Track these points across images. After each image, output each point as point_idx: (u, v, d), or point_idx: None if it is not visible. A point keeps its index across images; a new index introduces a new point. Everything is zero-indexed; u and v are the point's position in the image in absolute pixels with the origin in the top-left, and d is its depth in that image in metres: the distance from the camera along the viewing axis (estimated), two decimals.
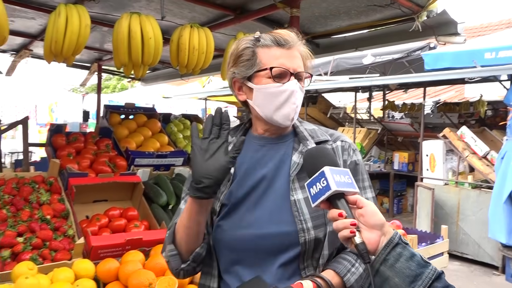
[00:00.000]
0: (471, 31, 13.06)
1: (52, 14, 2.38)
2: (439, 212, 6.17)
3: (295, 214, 1.20)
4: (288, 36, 1.26)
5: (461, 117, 8.49)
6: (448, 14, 3.02)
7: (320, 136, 1.32)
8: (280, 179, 1.27)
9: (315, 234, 1.20)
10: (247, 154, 1.32)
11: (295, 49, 1.26)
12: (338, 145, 1.31)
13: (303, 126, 1.35)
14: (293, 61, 1.25)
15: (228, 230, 1.25)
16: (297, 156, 1.28)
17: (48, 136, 2.93)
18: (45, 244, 2.18)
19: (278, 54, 1.24)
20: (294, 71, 1.25)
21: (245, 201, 1.26)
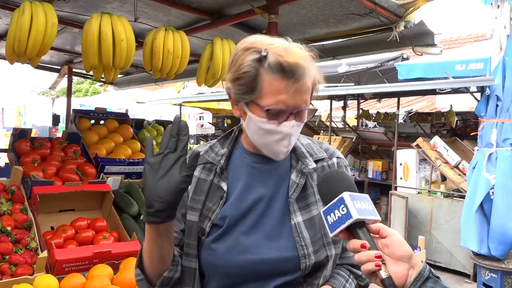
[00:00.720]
0: (441, 43, 13.42)
1: (15, 11, 2.22)
2: (413, 220, 6.22)
3: (297, 239, 1.13)
4: (297, 64, 1.04)
5: (434, 127, 8.65)
6: (426, 25, 3.04)
7: (317, 153, 1.24)
8: (278, 200, 1.17)
9: (316, 259, 1.13)
10: (242, 169, 1.21)
11: (304, 80, 1.06)
12: (334, 162, 1.25)
13: (300, 140, 1.26)
14: (298, 97, 1.07)
15: (222, 254, 1.14)
16: (295, 175, 1.19)
17: (11, 141, 2.75)
18: (4, 258, 2.03)
19: (281, 88, 1.06)
20: (296, 110, 1.09)
21: (240, 223, 1.15)
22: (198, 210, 1.18)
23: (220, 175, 1.20)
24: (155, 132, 3.59)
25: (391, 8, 2.81)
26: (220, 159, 1.22)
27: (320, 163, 1.23)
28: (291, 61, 1.04)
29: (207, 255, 1.16)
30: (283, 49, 1.06)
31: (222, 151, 1.23)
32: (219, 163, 1.21)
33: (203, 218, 1.17)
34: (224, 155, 1.22)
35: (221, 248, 1.14)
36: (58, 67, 5.68)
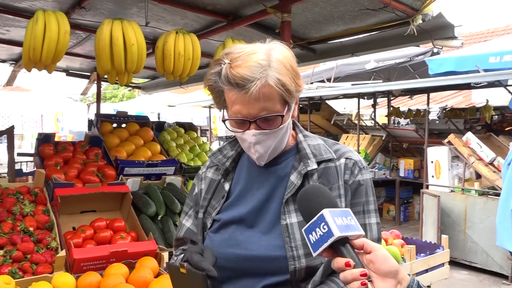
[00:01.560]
0: (477, 36, 12.92)
1: (30, 21, 2.33)
2: (446, 220, 6.02)
3: (286, 240, 1.12)
4: (243, 77, 1.05)
5: (467, 122, 8.33)
6: (445, 17, 2.93)
7: (324, 154, 1.20)
8: (275, 200, 1.19)
9: (307, 263, 1.10)
10: (243, 171, 1.27)
11: (256, 90, 1.05)
12: (341, 163, 1.19)
13: (307, 141, 1.23)
14: (252, 106, 1.08)
15: (216, 246, 1.18)
16: (295, 176, 1.17)
17: (36, 146, 2.89)
18: (26, 257, 2.12)
19: (234, 99, 1.09)
20: (254, 118, 1.10)
21: (237, 221, 1.20)
22: (204, 208, 1.26)
23: (225, 176, 1.27)
24: (175, 134, 3.66)
25: (407, 1, 2.74)
26: (226, 161, 1.28)
27: (325, 164, 1.19)
28: (235, 73, 1.06)
29: (206, 240, 1.22)
30: (236, 57, 1.08)
31: (230, 153, 1.29)
32: (224, 165, 1.27)
33: (207, 215, 1.24)
34: (231, 157, 1.28)
35: (216, 241, 1.19)
36: (88, 74, 5.89)
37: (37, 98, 12.11)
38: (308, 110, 8.91)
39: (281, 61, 1.08)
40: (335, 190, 1.16)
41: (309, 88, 8.23)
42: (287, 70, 1.09)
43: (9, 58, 5.13)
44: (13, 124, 2.87)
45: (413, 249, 2.66)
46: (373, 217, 1.19)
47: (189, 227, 1.33)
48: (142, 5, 3.02)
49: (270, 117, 1.10)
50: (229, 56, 1.09)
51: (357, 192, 1.17)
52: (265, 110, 1.09)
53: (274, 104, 1.09)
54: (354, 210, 1.15)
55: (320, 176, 1.17)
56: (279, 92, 1.08)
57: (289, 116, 1.16)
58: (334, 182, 1.16)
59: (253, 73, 1.05)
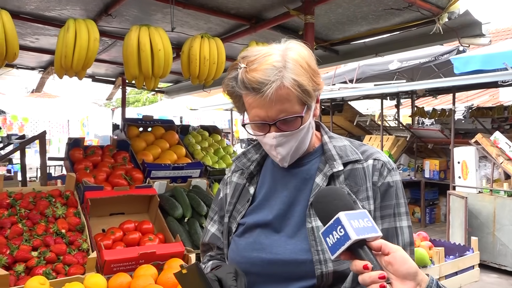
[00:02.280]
0: (504, 32, 12.59)
1: (61, 29, 2.41)
2: (474, 222, 5.88)
3: (312, 243, 1.10)
4: (258, 80, 1.04)
5: (495, 122, 8.13)
6: (471, 14, 2.88)
7: (350, 155, 1.18)
8: (300, 203, 1.17)
9: (334, 267, 1.07)
10: (268, 173, 1.26)
11: (272, 92, 1.04)
12: (369, 164, 1.16)
13: (333, 142, 1.21)
14: (270, 109, 1.07)
15: (241, 250, 1.18)
16: (320, 178, 1.16)
17: (66, 150, 2.96)
18: (59, 258, 2.18)
19: (251, 103, 1.10)
20: (273, 120, 1.09)
21: (262, 225, 1.19)
22: (229, 212, 1.26)
23: (250, 179, 1.27)
24: (199, 137, 3.70)
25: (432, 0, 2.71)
26: (250, 164, 1.28)
27: (351, 165, 1.17)
28: (250, 77, 1.06)
29: (230, 251, 1.21)
30: (251, 61, 1.08)
31: (255, 156, 1.29)
32: (248, 168, 1.27)
33: (232, 219, 1.24)
34: (255, 161, 1.28)
35: (241, 245, 1.18)
36: (113, 79, 6.01)
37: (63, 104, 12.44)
38: (331, 112, 8.87)
39: (297, 61, 1.07)
40: (363, 192, 1.13)
41: (331, 89, 8.18)
42: (303, 70, 1.07)
43: (38, 65, 5.28)
44: (45, 130, 2.96)
45: (441, 251, 2.61)
46: (404, 220, 1.15)
47: (214, 233, 1.33)
48: (166, 11, 3.08)
49: (289, 118, 1.09)
50: (245, 59, 1.09)
51: (386, 194, 1.14)
52: (284, 112, 1.08)
53: (292, 105, 1.08)
54: (385, 213, 1.13)
55: (347, 178, 1.15)
56: (296, 93, 1.07)
57: (310, 116, 1.14)
58: (361, 184, 1.14)
59: (268, 76, 1.04)
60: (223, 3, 2.94)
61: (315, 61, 1.14)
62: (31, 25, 3.45)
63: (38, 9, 3.09)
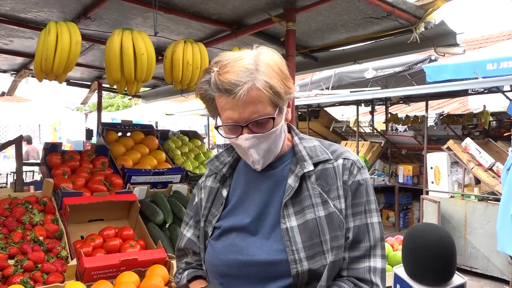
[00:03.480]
0: (472, 42, 13.06)
1: (42, 31, 2.35)
2: (446, 225, 6.04)
3: (286, 243, 1.12)
4: (230, 82, 1.06)
5: (465, 128, 8.39)
6: (447, 25, 2.98)
7: (320, 155, 1.20)
8: (274, 205, 1.19)
9: (309, 266, 1.10)
10: (241, 176, 1.27)
11: (245, 94, 1.06)
12: (339, 164, 1.19)
13: (303, 143, 1.24)
14: (242, 110, 1.08)
15: (217, 253, 1.19)
16: (292, 179, 1.17)
17: (43, 155, 2.89)
18: (37, 267, 2.12)
19: (223, 105, 1.11)
20: (246, 122, 1.10)
21: (238, 228, 1.20)
22: (205, 216, 1.26)
23: (222, 182, 1.28)
24: (179, 142, 3.67)
25: (410, 10, 2.79)
26: (223, 167, 1.29)
27: (322, 165, 1.19)
28: (223, 79, 1.07)
29: (206, 254, 1.23)
30: (224, 65, 1.10)
31: (227, 159, 1.30)
32: (221, 171, 1.28)
33: (208, 223, 1.25)
34: (227, 163, 1.29)
35: (217, 248, 1.20)
36: (88, 83, 5.90)
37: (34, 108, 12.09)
38: (307, 118, 8.95)
39: (268, 65, 1.10)
40: (334, 191, 1.16)
41: (308, 95, 8.27)
42: (275, 73, 1.10)
43: (10, 68, 5.14)
44: (21, 134, 2.87)
45: None
46: (375, 216, 1.19)
47: (190, 237, 1.34)
48: (147, 15, 3.06)
49: (261, 120, 1.10)
50: (218, 64, 1.11)
51: (357, 192, 1.17)
52: (256, 113, 1.09)
53: (265, 107, 1.10)
54: (356, 210, 1.16)
55: (318, 178, 1.17)
56: (268, 95, 1.09)
57: (282, 119, 1.16)
58: (332, 184, 1.17)
59: (240, 77, 1.06)
60: (204, 9, 2.94)
61: (286, 67, 1.17)
62: (5, 27, 3.35)
63: (13, 10, 3.01)
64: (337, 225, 1.13)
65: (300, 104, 8.48)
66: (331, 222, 1.13)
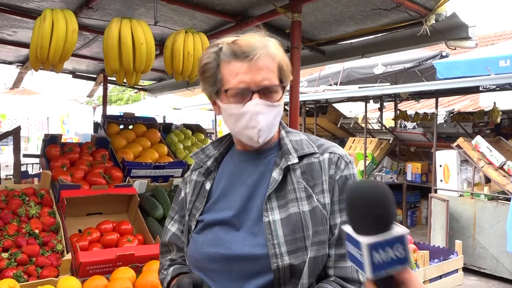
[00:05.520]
0: (485, 39, 12.83)
1: (37, 19, 2.29)
2: (455, 224, 5.93)
3: (268, 237, 1.09)
4: (248, 45, 1.09)
5: (476, 126, 8.23)
6: (459, 17, 2.87)
7: (305, 148, 1.18)
8: (258, 197, 1.16)
9: (290, 261, 1.07)
10: (225, 170, 1.24)
11: (259, 58, 1.09)
12: (325, 158, 1.16)
13: (289, 137, 1.22)
14: (256, 74, 1.09)
15: (199, 247, 1.16)
16: (277, 172, 1.15)
17: (42, 147, 2.85)
18: (31, 260, 2.08)
19: (237, 70, 1.10)
20: (258, 87, 1.10)
21: (220, 221, 1.16)
22: (189, 210, 1.24)
23: (207, 175, 1.25)
24: (182, 136, 3.61)
25: (420, 1, 2.68)
26: (207, 160, 1.26)
27: (307, 159, 1.17)
28: (240, 43, 1.10)
29: (188, 248, 1.20)
30: (236, 38, 1.13)
31: (213, 152, 1.27)
32: (205, 164, 1.26)
33: (191, 217, 1.22)
34: (212, 157, 1.26)
35: (199, 241, 1.17)
36: (94, 76, 5.86)
37: (43, 101, 12.13)
38: (315, 113, 8.86)
39: (276, 44, 1.16)
40: (319, 186, 1.13)
41: (316, 91, 8.17)
42: (283, 52, 1.16)
43: (16, 60, 5.11)
44: (19, 125, 2.83)
45: (426, 255, 2.59)
46: None
47: (174, 232, 1.31)
48: (150, 6, 2.99)
49: (272, 88, 1.12)
50: (228, 39, 1.14)
51: (344, 187, 1.14)
52: (267, 80, 1.11)
53: (275, 77, 1.13)
54: (343, 206, 1.13)
55: (304, 172, 1.15)
56: (278, 66, 1.13)
57: (283, 99, 1.18)
58: (317, 178, 1.14)
59: (255, 43, 1.10)
60: None
61: None
62: (8, 17, 3.31)
63: (15, 0, 2.96)
64: (319, 220, 1.11)
65: (308, 100, 8.38)
66: (314, 217, 1.10)
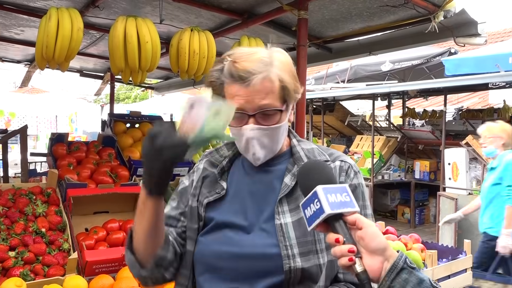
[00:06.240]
0: (494, 36, 12.68)
1: (43, 18, 2.29)
2: (464, 223, 5.86)
3: (280, 238, 1.10)
4: (245, 69, 1.08)
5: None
6: (468, 13, 2.83)
7: (318, 156, 1.21)
8: (270, 203, 1.16)
9: (302, 263, 1.07)
10: (236, 173, 1.24)
11: (254, 82, 1.08)
12: (336, 165, 1.19)
13: (301, 145, 1.24)
14: (253, 98, 1.10)
15: (208, 244, 1.16)
16: (289, 178, 1.17)
17: (49, 146, 2.85)
18: (38, 259, 2.08)
19: (234, 92, 1.11)
20: (254, 111, 1.11)
21: (230, 224, 1.17)
22: (196, 196, 1.23)
23: (221, 174, 1.24)
24: None
25: None
26: (223, 160, 1.26)
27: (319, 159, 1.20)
28: (238, 67, 1.09)
29: (197, 246, 1.18)
30: (239, 56, 1.12)
31: (227, 153, 1.27)
32: (221, 163, 1.25)
33: (198, 203, 1.21)
34: (227, 157, 1.26)
35: (209, 240, 1.17)
36: (101, 74, 5.88)
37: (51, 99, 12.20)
38: (322, 111, 8.82)
39: (282, 61, 1.13)
40: None
41: (323, 88, 8.14)
42: (288, 70, 1.14)
43: (24, 58, 5.14)
44: (26, 124, 2.84)
45: (434, 254, 2.56)
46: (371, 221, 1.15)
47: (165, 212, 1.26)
48: (156, 4, 2.98)
49: (270, 111, 1.12)
50: (232, 56, 1.13)
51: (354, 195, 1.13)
52: (265, 103, 1.11)
53: (274, 99, 1.12)
54: None
55: None
56: (279, 88, 1.11)
57: (287, 117, 1.18)
58: None
59: (256, 67, 1.09)
60: None
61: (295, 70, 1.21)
62: (16, 16, 3.32)
63: None
64: None
65: (315, 98, 8.35)
66: None
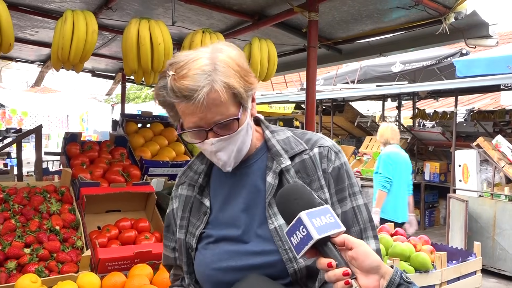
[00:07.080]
0: (506, 36, 12.54)
1: (59, 20, 2.35)
2: (474, 225, 5.84)
3: (278, 243, 1.07)
4: (186, 88, 1.00)
5: (496, 125, 8.07)
6: (479, 15, 2.82)
7: (295, 147, 1.16)
8: (258, 206, 1.14)
9: (305, 262, 1.06)
10: (217, 183, 1.22)
11: (204, 96, 1.00)
12: (315, 153, 1.15)
13: (275, 137, 1.18)
14: (204, 115, 1.03)
15: (208, 262, 1.14)
16: (271, 176, 1.13)
17: (63, 145, 2.91)
18: (52, 256, 2.13)
19: (184, 110, 1.05)
20: (209, 126, 1.05)
21: (224, 236, 1.15)
22: (184, 227, 1.21)
23: (201, 192, 1.22)
24: None
25: None
26: (198, 177, 1.23)
27: (299, 157, 1.15)
28: (179, 85, 1.01)
29: (196, 265, 1.17)
30: (179, 67, 1.02)
31: (201, 167, 1.24)
32: (197, 182, 1.22)
33: (189, 235, 1.19)
34: (202, 172, 1.23)
35: (207, 257, 1.15)
36: (113, 75, 5.95)
37: (63, 99, 12.36)
38: (331, 112, 8.82)
39: (226, 63, 1.04)
40: (316, 182, 1.12)
41: (333, 89, 8.13)
42: (234, 71, 1.04)
43: (37, 59, 5.22)
44: (41, 124, 2.90)
45: (444, 256, 2.56)
46: (360, 198, 1.16)
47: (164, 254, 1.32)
48: (168, 6, 3.02)
49: (225, 122, 1.05)
50: (173, 66, 1.04)
51: (339, 178, 1.14)
52: (219, 115, 1.04)
53: (227, 108, 1.04)
54: (341, 196, 1.13)
55: (298, 171, 1.13)
56: (229, 96, 1.03)
57: (246, 117, 1.11)
58: (313, 174, 1.13)
59: (197, 81, 1.00)
60: None
61: (246, 60, 1.11)
62: (31, 18, 3.39)
63: (37, 1, 3.03)
64: None
65: (324, 98, 8.34)
66: None
